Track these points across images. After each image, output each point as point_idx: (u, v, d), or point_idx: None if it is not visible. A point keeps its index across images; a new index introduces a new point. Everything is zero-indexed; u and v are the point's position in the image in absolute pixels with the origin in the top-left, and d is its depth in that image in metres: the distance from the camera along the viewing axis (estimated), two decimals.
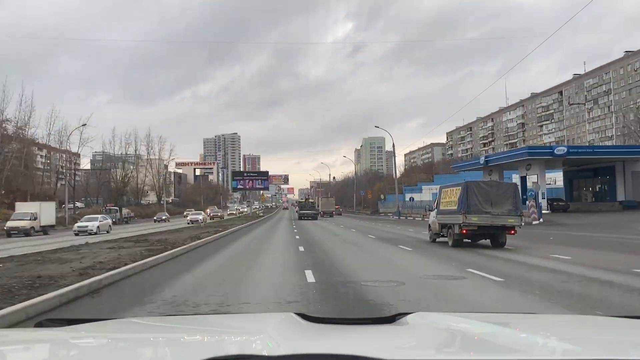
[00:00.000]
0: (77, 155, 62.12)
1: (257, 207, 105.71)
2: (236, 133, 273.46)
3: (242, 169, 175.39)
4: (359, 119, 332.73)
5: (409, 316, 2.03)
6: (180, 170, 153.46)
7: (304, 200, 68.78)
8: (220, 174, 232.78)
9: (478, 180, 23.21)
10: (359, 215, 72.79)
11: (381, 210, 75.92)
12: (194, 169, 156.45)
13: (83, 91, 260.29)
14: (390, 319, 2.02)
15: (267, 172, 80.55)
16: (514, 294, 7.96)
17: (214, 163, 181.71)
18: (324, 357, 1.33)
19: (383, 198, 77.32)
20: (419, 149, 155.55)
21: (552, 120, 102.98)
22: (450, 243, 16.64)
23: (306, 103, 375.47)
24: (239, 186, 75.12)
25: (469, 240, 16.53)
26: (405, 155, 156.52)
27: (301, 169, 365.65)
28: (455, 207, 16.42)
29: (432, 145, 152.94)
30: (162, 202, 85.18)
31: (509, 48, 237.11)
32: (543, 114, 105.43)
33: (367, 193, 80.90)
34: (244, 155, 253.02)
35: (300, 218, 55.04)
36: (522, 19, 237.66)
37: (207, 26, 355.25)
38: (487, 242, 16.54)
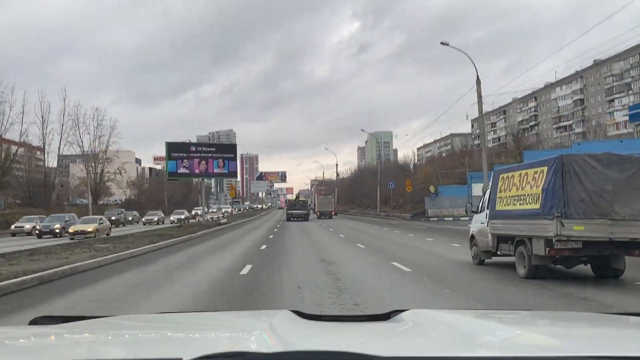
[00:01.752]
0: None
1: (229, 209, 77.64)
2: (232, 129, 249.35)
3: (238, 169, 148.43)
4: (362, 120, 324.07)
5: (404, 313, 1.99)
6: (158, 166, 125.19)
7: (294, 199, 59.33)
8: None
9: (583, 154, 9.96)
10: (389, 220, 47.24)
11: (430, 211, 48.37)
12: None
13: (87, 93, 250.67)
14: (385, 316, 1.99)
15: (235, 146, 43.05)
16: None
17: None
18: (319, 354, 1.32)
19: (434, 193, 48.94)
20: (435, 141, 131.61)
21: (630, 92, 78.17)
22: (522, 273, 9.74)
23: (309, 104, 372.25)
24: (182, 170, 36.85)
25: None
26: (418, 149, 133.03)
27: (303, 169, 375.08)
28: (537, 206, 9.29)
29: (452, 135, 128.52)
30: (104, 201, 59.78)
31: (515, 47, 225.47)
32: (615, 84, 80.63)
33: (406, 185, 53.66)
34: (241, 155, 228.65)
35: (289, 219, 48.02)
36: (529, 17, 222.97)
37: (212, 27, 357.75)
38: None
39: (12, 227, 33.81)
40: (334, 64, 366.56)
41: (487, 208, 11.74)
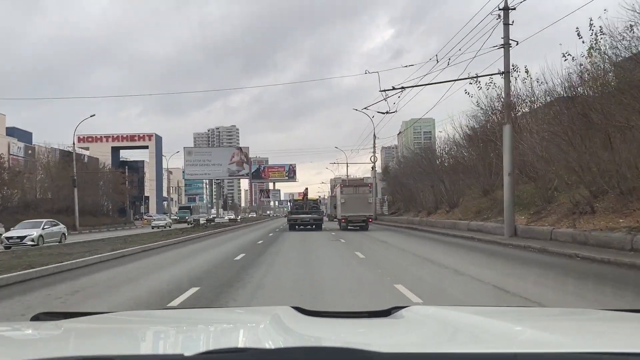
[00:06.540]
0: None
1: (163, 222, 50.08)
2: (234, 125, 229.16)
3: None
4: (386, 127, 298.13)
5: (404, 309, 2.02)
6: (86, 151, 71.88)
7: (301, 198, 38.67)
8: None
9: None
10: None
11: None
12: (113, 147, 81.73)
13: (115, 103, 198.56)
14: (386, 312, 2.01)
15: None
16: None
17: (150, 137, 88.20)
18: (320, 350, 1.32)
19: None
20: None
21: None
22: None
23: (333, 113, 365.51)
24: None
25: None
26: None
27: (322, 178, 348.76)
28: None
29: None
30: None
31: (552, 48, 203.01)
32: None
33: None
34: (250, 158, 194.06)
35: (292, 227, 33.44)
36: (567, 18, 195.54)
37: (244, 36, 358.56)
38: None
39: None
40: (363, 72, 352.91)
41: None
